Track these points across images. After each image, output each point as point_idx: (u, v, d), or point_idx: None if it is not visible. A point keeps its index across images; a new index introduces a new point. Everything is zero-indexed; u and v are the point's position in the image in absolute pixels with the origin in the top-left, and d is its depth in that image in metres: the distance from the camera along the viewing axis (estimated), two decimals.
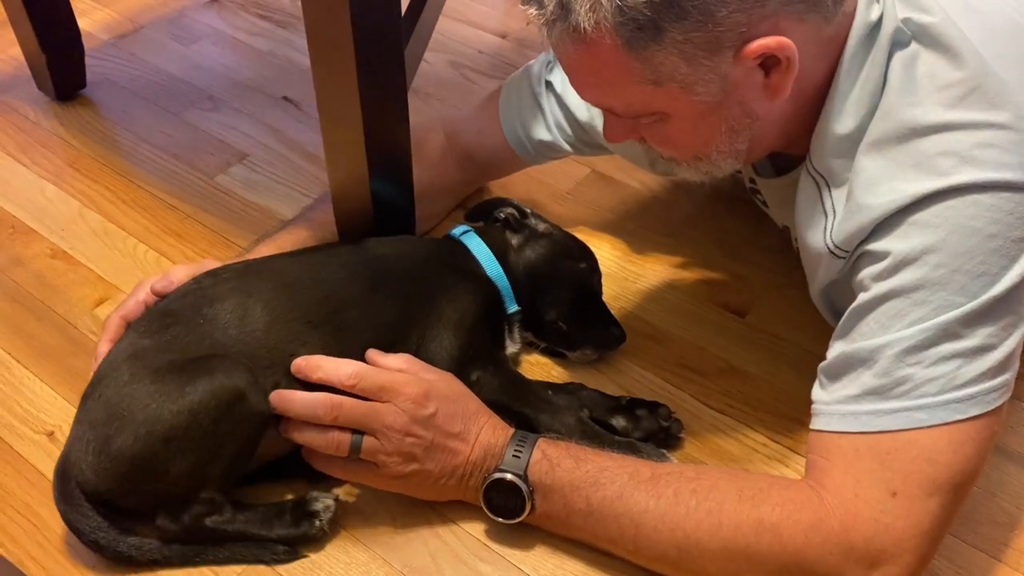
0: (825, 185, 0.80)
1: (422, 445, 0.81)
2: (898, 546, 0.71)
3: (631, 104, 0.78)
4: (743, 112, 0.77)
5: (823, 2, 0.72)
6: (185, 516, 0.81)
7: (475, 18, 1.65)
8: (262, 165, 1.30)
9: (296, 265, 0.93)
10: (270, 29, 1.60)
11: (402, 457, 0.81)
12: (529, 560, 0.84)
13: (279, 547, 0.83)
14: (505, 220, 1.03)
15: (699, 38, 0.70)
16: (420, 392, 0.82)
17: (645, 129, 0.81)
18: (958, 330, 0.71)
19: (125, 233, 1.18)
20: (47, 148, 1.32)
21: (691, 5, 0.68)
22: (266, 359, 0.83)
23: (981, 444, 0.72)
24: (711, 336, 1.06)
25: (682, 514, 0.76)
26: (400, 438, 0.81)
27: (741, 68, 0.72)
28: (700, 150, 0.81)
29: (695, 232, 1.19)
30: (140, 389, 0.78)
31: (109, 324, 0.89)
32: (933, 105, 0.72)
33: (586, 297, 1.01)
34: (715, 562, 0.76)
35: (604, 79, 0.76)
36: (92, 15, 1.61)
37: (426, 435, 0.81)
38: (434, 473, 0.82)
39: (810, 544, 0.73)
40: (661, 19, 0.69)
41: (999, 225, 0.70)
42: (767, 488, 0.76)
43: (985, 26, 0.74)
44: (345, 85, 0.87)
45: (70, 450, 0.82)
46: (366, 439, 0.81)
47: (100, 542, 0.81)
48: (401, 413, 0.81)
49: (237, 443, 0.81)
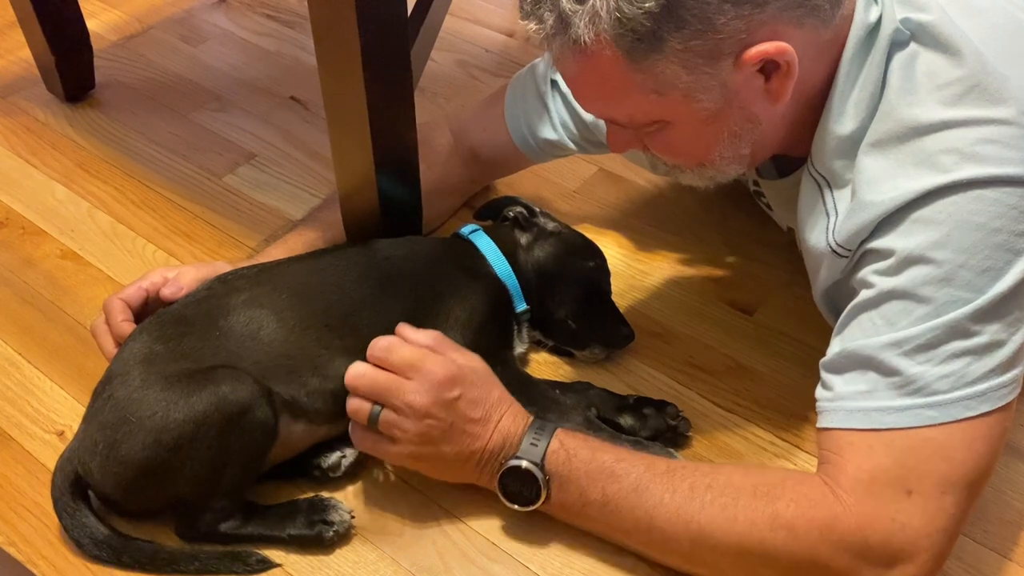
0: (827, 185, 0.80)
1: (440, 427, 0.81)
2: (914, 545, 0.71)
3: (634, 114, 0.78)
4: (745, 117, 0.77)
5: (820, 6, 0.72)
6: (200, 523, 0.82)
7: (482, 16, 1.65)
8: (270, 165, 1.30)
9: (306, 270, 0.93)
10: (277, 29, 1.61)
11: (419, 436, 0.81)
12: (537, 559, 0.84)
13: (253, 557, 0.82)
14: (514, 219, 1.03)
15: (699, 46, 0.70)
16: (447, 375, 0.81)
17: (648, 138, 0.81)
18: (967, 327, 0.70)
19: (134, 233, 1.19)
20: (56, 149, 1.32)
21: (690, 14, 0.68)
22: (287, 366, 0.84)
23: (994, 441, 0.72)
24: (719, 334, 1.05)
25: (697, 508, 0.76)
26: (419, 418, 0.80)
27: (741, 74, 0.72)
28: (703, 157, 0.82)
29: (702, 230, 1.19)
30: (150, 395, 0.79)
31: (108, 305, 0.90)
32: (933, 104, 0.72)
33: (595, 296, 1.01)
34: (728, 557, 0.76)
35: (606, 91, 0.76)
36: (101, 16, 1.61)
37: (446, 418, 0.81)
38: (450, 456, 0.82)
39: (825, 541, 0.72)
40: (660, 29, 0.69)
41: (1003, 220, 0.70)
42: (781, 483, 0.76)
43: (985, 23, 0.74)
44: (352, 85, 0.87)
45: (78, 447, 0.82)
46: (385, 412, 0.81)
47: (80, 541, 0.82)
48: (424, 393, 0.80)
49: (244, 454, 0.81)
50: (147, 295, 0.91)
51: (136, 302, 0.91)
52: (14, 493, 0.89)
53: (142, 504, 0.84)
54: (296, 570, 0.83)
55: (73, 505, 0.82)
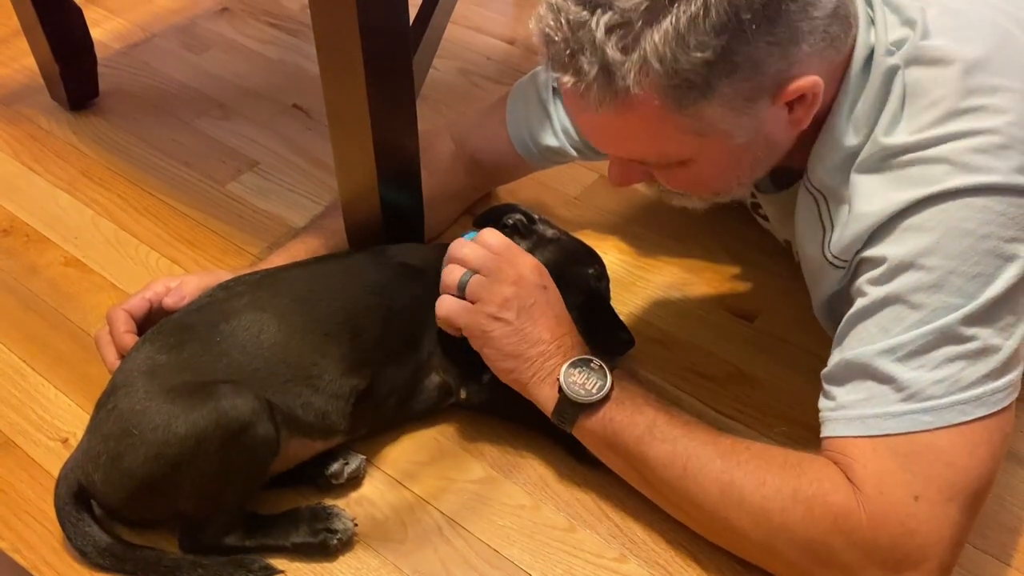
0: (823, 200, 0.81)
1: (524, 302, 0.84)
2: (921, 552, 0.71)
3: (666, 155, 0.78)
4: (767, 146, 0.78)
5: (838, 36, 0.73)
6: (203, 537, 0.83)
7: (484, 24, 1.65)
8: (272, 172, 1.31)
9: (308, 276, 0.93)
10: (280, 37, 1.61)
11: (502, 301, 0.84)
12: (539, 566, 0.84)
13: (256, 564, 0.83)
14: (513, 226, 1.03)
15: (745, 88, 0.71)
16: (539, 268, 0.87)
17: (664, 173, 0.82)
18: (959, 332, 0.71)
19: (137, 241, 1.19)
20: (60, 157, 1.33)
21: (741, 59, 0.68)
22: (285, 374, 0.84)
23: (994, 446, 0.72)
24: (720, 340, 1.06)
25: (732, 464, 0.77)
26: (506, 287, 0.84)
27: (775, 108, 0.73)
28: (721, 188, 0.83)
29: (703, 236, 1.19)
30: (152, 408, 0.79)
31: (111, 316, 0.90)
32: (925, 120, 0.73)
33: (594, 302, 1.01)
34: (751, 516, 0.76)
35: (640, 136, 0.75)
36: (104, 25, 1.62)
37: (530, 297, 0.85)
38: (521, 332, 0.84)
39: (838, 530, 0.73)
40: (713, 76, 0.69)
41: (991, 226, 0.70)
42: (810, 462, 0.76)
43: (974, 36, 0.75)
44: (354, 92, 0.88)
45: (82, 458, 0.82)
46: (475, 277, 0.85)
47: (84, 550, 0.82)
48: (520, 267, 0.86)
49: (246, 469, 0.81)
50: (150, 305, 0.92)
51: (139, 313, 0.91)
52: (18, 499, 0.90)
53: (144, 515, 0.84)
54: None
55: (76, 515, 0.82)
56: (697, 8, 0.66)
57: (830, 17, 0.71)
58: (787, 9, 0.68)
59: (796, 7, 0.69)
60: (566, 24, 0.70)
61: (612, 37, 0.68)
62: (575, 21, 0.69)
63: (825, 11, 0.71)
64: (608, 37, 0.68)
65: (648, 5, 0.67)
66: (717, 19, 0.66)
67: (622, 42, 0.68)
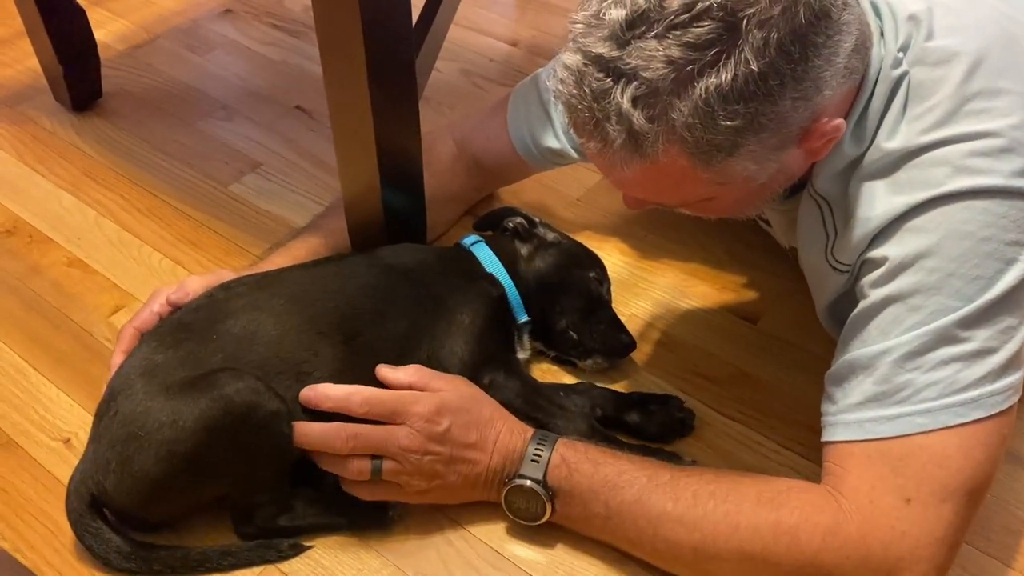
0: (827, 207, 0.81)
1: (441, 460, 0.82)
2: (914, 554, 0.71)
3: (686, 201, 0.78)
4: (786, 176, 0.78)
5: (857, 68, 0.73)
6: (255, 519, 0.83)
7: (486, 26, 1.66)
8: (275, 174, 1.31)
9: (307, 277, 0.93)
10: (283, 39, 1.62)
11: (423, 475, 0.82)
12: (540, 567, 0.84)
13: (284, 543, 0.84)
14: (514, 230, 1.04)
15: (771, 142, 0.70)
16: (432, 409, 0.82)
17: (679, 207, 0.82)
18: (956, 334, 0.71)
19: (140, 241, 1.19)
20: (64, 158, 1.33)
21: (768, 119, 0.67)
22: (277, 367, 0.84)
23: (991, 448, 0.72)
24: (722, 342, 1.06)
25: (699, 516, 0.76)
26: (418, 458, 0.81)
27: (798, 151, 0.73)
28: (736, 214, 0.83)
29: (705, 238, 1.19)
30: (155, 407, 0.79)
31: (123, 335, 0.90)
32: (927, 123, 0.73)
33: (596, 305, 1.01)
34: (731, 563, 0.76)
35: (664, 186, 0.75)
36: (108, 26, 1.62)
37: (443, 450, 0.82)
38: (456, 484, 0.83)
39: (827, 548, 0.73)
40: (741, 138, 0.68)
41: (992, 228, 0.70)
42: (786, 491, 0.76)
43: (976, 39, 0.75)
44: (357, 94, 0.88)
45: (90, 467, 0.82)
46: (386, 462, 0.82)
47: (108, 558, 0.81)
48: (416, 434, 0.81)
49: (267, 447, 0.81)
50: (160, 320, 0.92)
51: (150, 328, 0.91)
52: (20, 500, 0.90)
53: (161, 515, 0.84)
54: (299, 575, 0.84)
55: (94, 525, 0.81)
56: (725, 79, 0.64)
57: (850, 55, 0.70)
58: (813, 65, 0.67)
59: (821, 60, 0.67)
60: (589, 93, 0.68)
61: (638, 107, 0.66)
62: (598, 90, 0.67)
63: (846, 51, 0.69)
64: (634, 107, 0.66)
65: (675, 76, 0.65)
66: (745, 88, 0.65)
67: (649, 111, 0.66)
